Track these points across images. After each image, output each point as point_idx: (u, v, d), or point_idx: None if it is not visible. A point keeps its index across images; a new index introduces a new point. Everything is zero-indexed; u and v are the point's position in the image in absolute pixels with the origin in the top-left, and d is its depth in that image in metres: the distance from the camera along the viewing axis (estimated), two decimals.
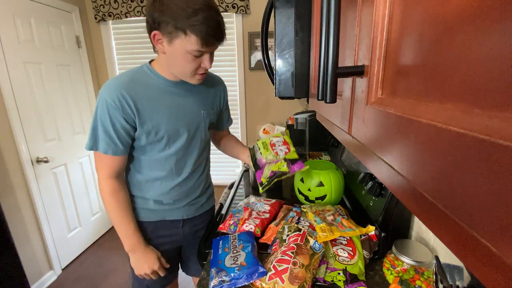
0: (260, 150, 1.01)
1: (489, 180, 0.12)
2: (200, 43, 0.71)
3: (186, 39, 0.70)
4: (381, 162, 0.25)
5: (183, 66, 0.77)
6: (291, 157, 0.95)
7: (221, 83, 1.04)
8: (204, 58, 0.77)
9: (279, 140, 1.02)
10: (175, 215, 0.98)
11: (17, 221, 1.70)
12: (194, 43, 0.71)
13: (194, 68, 0.77)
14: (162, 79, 0.84)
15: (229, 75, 2.24)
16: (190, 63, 0.76)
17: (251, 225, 0.88)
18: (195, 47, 0.72)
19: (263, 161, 0.97)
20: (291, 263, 0.66)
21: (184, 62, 0.75)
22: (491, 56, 0.12)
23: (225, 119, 1.12)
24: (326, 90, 0.29)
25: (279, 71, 0.85)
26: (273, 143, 1.01)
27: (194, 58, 0.75)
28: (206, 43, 0.71)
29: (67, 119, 2.09)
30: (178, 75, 0.81)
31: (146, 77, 0.83)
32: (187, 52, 0.73)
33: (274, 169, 0.92)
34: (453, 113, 0.15)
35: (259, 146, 1.03)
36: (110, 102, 0.76)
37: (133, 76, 0.82)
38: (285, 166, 0.91)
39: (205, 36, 0.70)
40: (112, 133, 0.78)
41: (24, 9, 1.73)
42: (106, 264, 2.10)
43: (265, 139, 1.04)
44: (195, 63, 0.76)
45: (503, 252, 0.11)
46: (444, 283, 0.50)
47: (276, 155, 0.98)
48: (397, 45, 0.23)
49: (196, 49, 0.72)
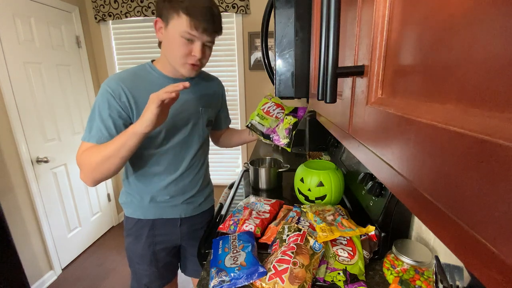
0: (260, 122, 1.04)
1: (489, 180, 0.12)
2: (190, 25, 0.74)
3: (179, 20, 0.74)
4: (381, 162, 0.25)
5: (175, 50, 0.79)
6: (288, 111, 1.04)
7: (219, 83, 1.08)
8: (196, 45, 0.78)
9: (270, 105, 1.06)
10: (172, 213, 0.98)
11: (17, 221, 1.70)
12: (184, 24, 0.74)
13: (184, 53, 0.79)
14: (162, 76, 0.88)
15: (229, 75, 2.24)
16: (181, 47, 0.78)
17: (251, 225, 0.88)
18: (186, 28, 0.74)
19: (269, 129, 1.02)
20: (291, 263, 0.66)
21: (176, 46, 0.78)
22: (491, 56, 0.12)
23: (223, 118, 1.15)
24: (326, 90, 0.29)
25: (279, 71, 0.85)
26: (267, 111, 1.05)
27: (186, 42, 0.77)
28: (195, 25, 0.74)
29: (67, 119, 2.09)
30: (172, 63, 0.83)
31: (147, 73, 0.87)
32: (179, 34, 0.76)
33: (286, 126, 0.98)
34: (453, 113, 0.15)
35: (256, 121, 1.05)
36: (110, 91, 0.78)
37: (134, 72, 0.85)
38: (293, 118, 0.99)
39: (195, 18, 0.73)
40: (109, 120, 0.78)
41: (24, 9, 1.73)
42: (106, 264, 2.10)
43: (257, 110, 1.07)
44: (186, 48, 0.78)
45: (503, 252, 0.11)
46: (444, 283, 0.50)
47: (277, 119, 1.03)
48: (397, 45, 0.23)
49: (186, 30, 0.75)
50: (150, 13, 2.10)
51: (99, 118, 0.79)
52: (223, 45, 2.18)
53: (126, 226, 0.99)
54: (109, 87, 0.79)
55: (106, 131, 0.79)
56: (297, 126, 0.99)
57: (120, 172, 0.87)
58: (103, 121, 0.78)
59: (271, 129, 1.02)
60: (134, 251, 0.99)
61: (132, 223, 0.97)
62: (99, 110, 0.79)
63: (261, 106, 1.07)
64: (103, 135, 0.78)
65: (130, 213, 0.97)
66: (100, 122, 0.78)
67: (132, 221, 0.97)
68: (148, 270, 1.01)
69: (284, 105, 1.07)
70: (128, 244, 1.00)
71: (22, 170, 1.74)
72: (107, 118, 0.78)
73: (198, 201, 1.04)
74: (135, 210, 0.96)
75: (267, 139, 1.02)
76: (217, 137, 1.21)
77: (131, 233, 0.98)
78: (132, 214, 0.96)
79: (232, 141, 1.19)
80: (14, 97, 1.67)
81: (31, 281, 1.75)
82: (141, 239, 0.97)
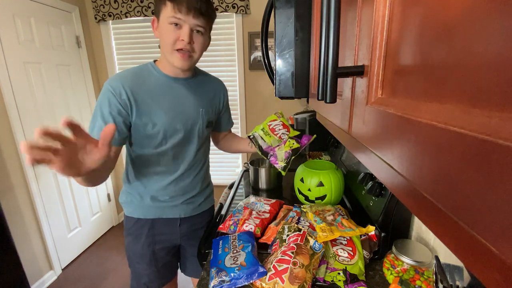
0: (262, 138, 1.03)
1: (489, 180, 0.12)
2: (174, 8, 0.75)
3: (165, 9, 0.76)
4: (381, 162, 0.25)
5: (165, 39, 0.80)
6: (293, 134, 1.02)
7: (221, 84, 1.06)
8: (183, 30, 0.78)
9: (277, 123, 1.05)
10: (172, 213, 0.98)
11: (17, 221, 1.70)
12: (169, 10, 0.76)
13: (173, 40, 0.79)
14: (163, 75, 0.88)
15: (229, 75, 2.24)
16: (169, 34, 0.78)
17: (251, 225, 0.88)
18: (171, 13, 0.76)
19: (269, 148, 1.01)
20: (291, 263, 0.66)
21: (166, 34, 0.79)
22: (491, 56, 0.12)
23: (225, 120, 1.13)
24: (326, 90, 0.29)
25: (279, 71, 0.85)
26: (273, 128, 1.04)
27: (174, 29, 0.78)
28: (178, 8, 0.75)
29: None
30: (165, 54, 0.84)
31: (149, 73, 0.88)
32: (167, 22, 0.77)
33: (286, 149, 0.97)
34: (453, 113, 0.15)
35: (259, 135, 1.03)
36: (111, 89, 0.80)
37: (136, 72, 0.87)
38: (295, 143, 0.97)
39: (178, 1, 0.75)
40: (110, 119, 0.80)
41: (24, 9, 1.73)
42: (106, 264, 2.10)
43: (263, 125, 1.05)
44: (174, 34, 0.78)
45: (503, 252, 0.11)
46: (444, 283, 0.50)
47: (280, 139, 1.02)
48: (397, 45, 0.23)
49: (171, 15, 0.76)
50: (150, 13, 2.10)
51: (100, 116, 0.80)
52: (223, 45, 2.18)
53: (126, 226, 0.99)
54: (110, 85, 0.80)
55: None
56: (297, 152, 0.97)
57: (120, 172, 0.87)
58: (104, 119, 0.80)
59: (271, 148, 1.00)
60: (134, 250, 0.99)
61: (132, 223, 0.97)
62: (100, 108, 0.80)
63: (268, 122, 1.05)
64: None
65: (130, 212, 0.97)
66: (101, 120, 0.80)
67: (132, 220, 0.97)
68: (148, 269, 1.01)
69: (291, 128, 1.05)
70: (128, 243, 1.00)
71: (22, 170, 1.74)
72: (107, 115, 0.79)
73: (198, 201, 1.04)
74: (135, 210, 0.96)
75: (264, 156, 1.01)
76: (218, 139, 1.20)
77: (130, 232, 0.98)
78: (132, 213, 0.97)
79: (232, 148, 1.18)
80: (14, 97, 1.67)
81: (31, 281, 1.75)
82: (141, 239, 0.97)
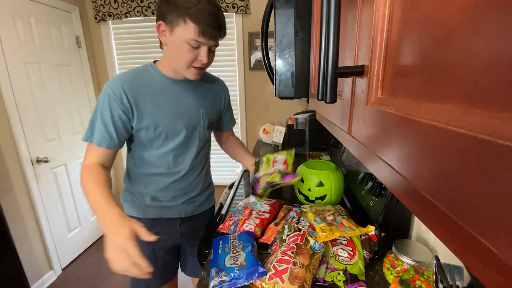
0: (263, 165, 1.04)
1: (489, 180, 0.12)
2: (197, 32, 0.74)
3: (185, 27, 0.74)
4: (381, 162, 0.25)
5: (180, 56, 0.79)
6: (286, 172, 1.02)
7: (222, 84, 1.06)
8: (201, 50, 0.78)
9: (281, 158, 1.05)
10: (172, 213, 0.98)
11: (17, 221, 1.70)
12: (192, 32, 0.74)
13: (191, 59, 0.79)
14: (164, 77, 0.87)
15: (229, 75, 2.24)
16: (187, 53, 0.78)
17: (251, 225, 0.88)
18: (193, 35, 0.74)
19: (259, 176, 1.02)
20: (291, 263, 0.66)
21: (182, 52, 0.78)
22: (491, 56, 0.12)
23: (226, 120, 1.12)
24: (326, 90, 0.29)
25: (279, 71, 0.85)
26: (276, 160, 1.04)
27: (192, 48, 0.77)
28: (203, 32, 0.74)
29: (67, 119, 2.09)
30: (176, 66, 0.83)
31: (149, 74, 0.86)
32: (185, 41, 0.75)
33: (268, 180, 0.99)
34: (453, 113, 0.15)
35: (263, 161, 1.05)
36: (111, 93, 0.78)
37: (136, 73, 0.85)
38: (279, 177, 0.99)
39: (203, 25, 0.73)
40: (110, 124, 0.79)
41: (24, 9, 1.73)
42: (106, 264, 2.08)
43: (271, 154, 1.06)
44: (192, 54, 0.78)
45: (503, 252, 0.11)
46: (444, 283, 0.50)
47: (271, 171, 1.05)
48: (397, 45, 0.23)
49: (193, 38, 0.75)
50: (150, 13, 2.10)
51: (100, 121, 0.79)
52: (223, 45, 2.18)
53: None
54: (110, 89, 0.79)
55: (107, 134, 0.80)
56: (275, 187, 1.00)
57: (120, 172, 0.88)
58: (105, 124, 0.79)
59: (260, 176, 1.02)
60: None
61: None
62: (101, 112, 0.79)
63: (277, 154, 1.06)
64: (105, 137, 0.80)
65: (131, 212, 0.97)
66: (101, 125, 0.79)
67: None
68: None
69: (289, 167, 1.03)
70: None
71: (22, 170, 1.74)
72: (108, 121, 0.79)
73: (198, 201, 1.04)
74: (135, 209, 0.96)
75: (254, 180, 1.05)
76: (222, 140, 1.20)
77: None
78: (132, 213, 0.97)
79: (236, 158, 1.18)
80: (14, 97, 1.67)
81: (31, 281, 1.75)
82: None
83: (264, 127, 2.18)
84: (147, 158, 0.90)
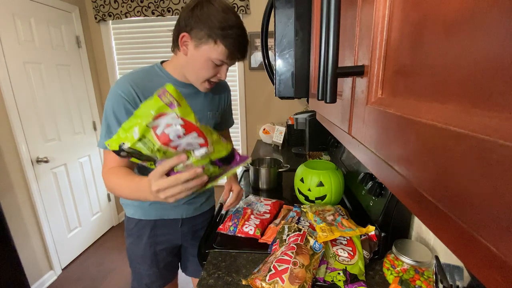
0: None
1: (489, 180, 0.12)
2: (226, 54, 0.76)
3: (214, 47, 0.75)
4: (381, 162, 0.25)
5: (201, 71, 0.79)
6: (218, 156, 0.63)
7: (226, 86, 1.06)
8: (222, 69, 0.80)
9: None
10: (173, 214, 0.98)
11: (17, 221, 1.70)
12: (220, 53, 0.75)
13: (211, 76, 0.80)
14: (172, 79, 0.86)
15: (229, 75, 2.23)
16: (208, 70, 0.79)
17: (251, 226, 0.88)
18: (221, 56, 0.76)
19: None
20: (291, 263, 0.66)
21: (204, 68, 0.78)
22: (491, 56, 0.12)
23: (225, 120, 1.12)
24: (326, 90, 0.29)
25: (279, 71, 0.85)
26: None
27: (214, 66, 0.78)
28: (231, 56, 0.77)
29: (67, 119, 2.09)
30: (191, 78, 0.83)
31: (157, 76, 0.85)
32: (210, 59, 0.76)
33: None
34: (453, 113, 0.15)
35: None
36: (123, 95, 0.76)
37: (144, 74, 0.83)
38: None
39: (232, 49, 0.76)
40: None
41: (24, 9, 1.73)
42: (106, 264, 2.10)
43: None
44: (213, 71, 0.79)
45: (503, 252, 0.11)
46: (444, 283, 0.50)
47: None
48: (397, 45, 0.23)
49: (220, 59, 0.76)
50: (150, 13, 2.10)
51: (117, 125, 0.76)
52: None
53: (127, 227, 0.99)
54: (122, 91, 0.76)
55: None
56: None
57: None
58: None
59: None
60: (135, 251, 0.99)
61: (133, 224, 0.97)
62: (116, 117, 0.76)
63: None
64: None
65: (131, 213, 0.97)
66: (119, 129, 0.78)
67: (133, 221, 0.97)
68: (149, 270, 1.01)
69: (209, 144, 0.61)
70: (129, 244, 1.00)
71: (22, 170, 1.74)
72: None
73: (199, 201, 1.04)
74: (136, 211, 0.96)
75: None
76: None
77: (132, 233, 0.98)
78: (133, 214, 0.96)
79: None
80: (14, 97, 1.67)
81: (31, 281, 1.75)
82: (142, 240, 0.97)
83: (264, 127, 2.18)
84: None
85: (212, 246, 0.87)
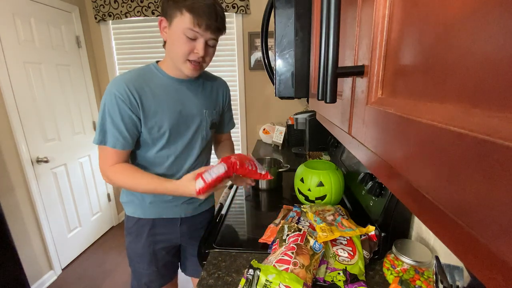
0: None
1: (489, 180, 0.12)
2: (193, 22, 0.75)
3: (181, 18, 0.75)
4: (381, 162, 0.25)
5: (177, 48, 0.79)
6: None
7: (224, 84, 1.05)
8: (198, 43, 0.79)
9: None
10: (172, 213, 0.98)
11: (17, 221, 1.70)
12: (187, 22, 0.75)
13: (187, 51, 0.79)
14: (167, 77, 0.87)
15: (229, 75, 2.24)
16: (183, 45, 0.78)
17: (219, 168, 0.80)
18: (188, 25, 0.75)
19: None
20: (291, 263, 0.66)
21: (179, 44, 0.78)
22: (491, 56, 0.12)
23: (226, 121, 1.11)
24: (326, 90, 0.29)
25: (279, 71, 0.85)
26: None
27: (188, 40, 0.78)
28: (198, 22, 0.75)
29: (67, 119, 2.09)
30: (174, 60, 0.83)
31: (152, 74, 0.86)
32: (182, 31, 0.76)
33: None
34: (453, 113, 0.15)
35: None
36: (118, 95, 0.78)
37: (139, 73, 0.85)
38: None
39: (198, 15, 0.74)
40: (121, 125, 0.80)
41: (24, 9, 1.73)
42: (106, 264, 2.10)
43: None
44: (188, 46, 0.78)
45: (503, 252, 0.11)
46: (444, 283, 0.50)
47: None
48: (397, 45, 0.23)
49: (189, 27, 0.75)
50: (150, 13, 2.10)
51: (111, 124, 0.80)
52: (223, 45, 2.18)
53: (127, 225, 0.99)
54: (117, 91, 0.78)
55: (120, 135, 0.81)
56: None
57: None
58: (116, 126, 0.80)
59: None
60: (134, 250, 0.99)
61: (133, 222, 0.97)
62: (110, 115, 0.79)
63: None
64: (118, 139, 0.81)
65: (131, 212, 0.97)
66: (113, 128, 0.80)
67: (133, 220, 0.97)
68: (148, 269, 1.01)
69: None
70: (129, 243, 1.00)
71: (22, 170, 1.74)
72: (119, 122, 0.80)
73: (198, 201, 1.04)
74: (136, 210, 0.96)
75: None
76: (217, 141, 1.16)
77: (131, 232, 0.98)
78: (133, 213, 0.97)
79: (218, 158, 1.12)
80: (14, 97, 1.67)
81: (31, 281, 1.75)
82: (141, 238, 0.97)
83: (264, 127, 2.19)
84: (149, 158, 0.90)
85: (212, 246, 0.87)
